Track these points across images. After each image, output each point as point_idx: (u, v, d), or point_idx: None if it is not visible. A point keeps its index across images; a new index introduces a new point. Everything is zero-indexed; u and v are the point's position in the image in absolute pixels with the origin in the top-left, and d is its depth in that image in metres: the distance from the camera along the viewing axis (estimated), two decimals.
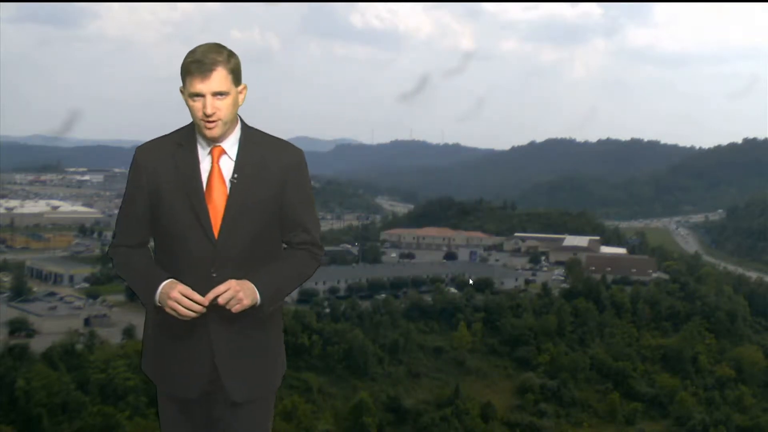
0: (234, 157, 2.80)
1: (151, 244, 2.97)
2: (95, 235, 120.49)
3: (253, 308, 2.77)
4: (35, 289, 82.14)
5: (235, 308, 2.71)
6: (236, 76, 2.76)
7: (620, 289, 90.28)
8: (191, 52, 2.72)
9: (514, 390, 70.80)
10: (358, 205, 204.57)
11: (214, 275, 2.76)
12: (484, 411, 65.02)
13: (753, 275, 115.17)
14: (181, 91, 2.76)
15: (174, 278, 2.77)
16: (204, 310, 2.72)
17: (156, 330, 2.89)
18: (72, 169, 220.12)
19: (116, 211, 3.16)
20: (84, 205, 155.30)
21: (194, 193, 2.77)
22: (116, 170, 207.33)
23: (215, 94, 2.71)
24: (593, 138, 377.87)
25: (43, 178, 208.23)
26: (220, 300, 2.69)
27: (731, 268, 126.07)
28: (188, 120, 2.87)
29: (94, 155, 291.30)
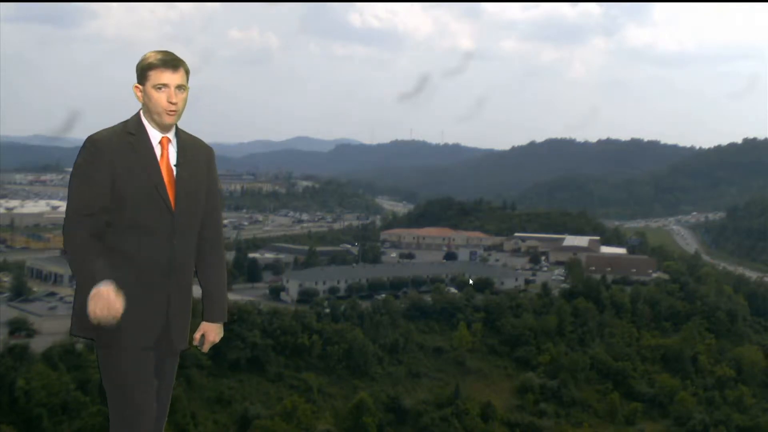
0: (175, 146, 3.35)
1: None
2: None
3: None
4: (35, 289, 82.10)
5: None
6: (188, 79, 3.32)
7: (620, 289, 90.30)
8: (154, 53, 3.24)
9: (514, 390, 70.78)
10: (358, 205, 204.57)
11: (174, 242, 3.29)
12: (484, 411, 64.98)
13: (753, 275, 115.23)
14: (137, 88, 3.28)
15: (138, 245, 3.23)
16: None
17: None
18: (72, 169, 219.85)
19: None
20: None
21: (154, 173, 3.26)
22: None
23: (178, 86, 3.26)
24: (593, 138, 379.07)
25: (43, 178, 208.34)
26: (204, 349, 3.61)
27: (731, 268, 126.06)
28: (191, 119, 3.14)
29: None
